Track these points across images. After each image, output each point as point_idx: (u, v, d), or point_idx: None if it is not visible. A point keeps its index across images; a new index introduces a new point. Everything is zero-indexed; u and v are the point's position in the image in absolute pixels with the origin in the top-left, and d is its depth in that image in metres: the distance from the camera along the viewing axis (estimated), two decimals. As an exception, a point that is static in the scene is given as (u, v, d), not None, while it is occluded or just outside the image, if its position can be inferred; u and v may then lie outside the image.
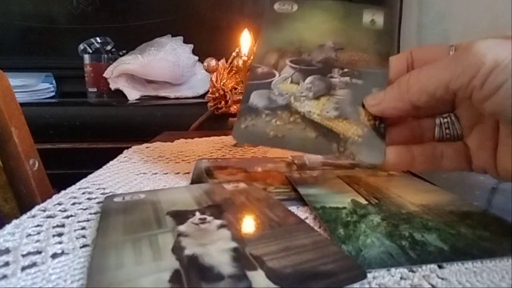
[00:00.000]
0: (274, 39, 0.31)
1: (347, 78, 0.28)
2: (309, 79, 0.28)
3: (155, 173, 0.37)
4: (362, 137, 0.25)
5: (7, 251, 0.20)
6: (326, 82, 0.28)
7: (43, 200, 0.27)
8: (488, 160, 0.25)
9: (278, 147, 0.26)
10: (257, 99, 0.28)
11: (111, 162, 0.41)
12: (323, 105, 0.27)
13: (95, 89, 1.13)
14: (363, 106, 0.27)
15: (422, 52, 0.28)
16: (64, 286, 0.17)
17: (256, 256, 0.18)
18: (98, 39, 1.18)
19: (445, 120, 0.27)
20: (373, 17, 0.32)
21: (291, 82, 0.29)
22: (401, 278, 0.17)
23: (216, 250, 0.19)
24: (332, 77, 0.29)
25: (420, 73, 0.24)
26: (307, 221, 0.24)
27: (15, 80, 0.97)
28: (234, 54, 0.74)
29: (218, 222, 0.22)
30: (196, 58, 1.13)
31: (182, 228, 0.21)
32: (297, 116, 0.27)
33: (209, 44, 1.16)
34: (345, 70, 0.29)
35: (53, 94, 1.16)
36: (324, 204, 0.26)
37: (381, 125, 0.26)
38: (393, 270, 0.18)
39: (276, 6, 0.33)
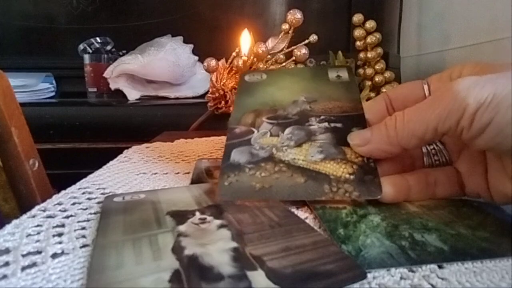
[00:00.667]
0: (248, 103, 0.32)
1: (325, 124, 0.29)
2: (288, 130, 0.29)
3: (155, 173, 0.37)
4: (353, 175, 0.25)
5: (7, 251, 0.20)
6: (305, 130, 0.29)
7: (43, 200, 0.27)
8: (480, 184, 0.25)
9: (266, 198, 0.25)
10: (238, 156, 0.28)
11: (111, 162, 0.41)
12: (307, 151, 0.27)
13: (95, 89, 1.13)
14: (348, 146, 0.27)
15: (397, 91, 0.29)
16: (64, 286, 0.17)
17: (256, 256, 0.18)
18: (98, 39, 1.18)
19: (431, 147, 0.28)
20: (338, 73, 0.34)
21: (271, 135, 0.29)
22: (401, 278, 0.17)
23: (216, 250, 0.19)
24: (310, 125, 0.29)
25: (406, 117, 0.24)
26: (307, 221, 0.24)
27: (15, 80, 0.97)
28: (234, 54, 0.74)
29: (218, 222, 0.22)
30: (196, 58, 1.13)
31: (182, 228, 0.21)
32: (282, 165, 0.26)
33: (209, 44, 1.16)
34: (322, 117, 0.29)
35: (53, 94, 1.16)
36: (324, 204, 0.26)
37: (370, 160, 0.26)
38: (393, 270, 0.18)
39: (247, 77, 0.35)
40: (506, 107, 0.20)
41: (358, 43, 0.88)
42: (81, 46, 1.16)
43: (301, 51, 0.69)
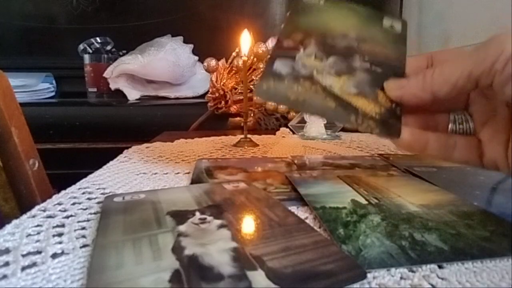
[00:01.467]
0: (301, 22, 0.32)
1: (367, 64, 0.29)
2: (331, 58, 0.29)
3: (155, 173, 0.37)
4: (379, 115, 0.26)
5: (7, 251, 0.20)
6: (347, 64, 0.29)
7: (43, 200, 0.27)
8: (499, 153, 0.25)
9: (297, 109, 0.27)
10: (280, 66, 0.28)
11: (111, 162, 0.41)
12: (344, 82, 0.28)
13: (95, 89, 1.13)
14: (382, 90, 0.28)
15: (442, 54, 0.29)
16: (64, 286, 0.17)
17: (256, 256, 0.18)
18: (98, 39, 1.18)
19: (459, 116, 0.28)
20: (392, 23, 0.34)
21: (315, 58, 0.29)
22: (401, 278, 0.17)
23: (216, 250, 0.19)
24: (353, 61, 0.30)
25: (444, 65, 0.25)
26: (307, 221, 0.24)
27: (15, 80, 0.97)
28: (234, 54, 0.74)
29: (218, 222, 0.22)
30: (196, 58, 1.13)
31: (182, 228, 0.21)
32: (319, 87, 0.27)
33: (209, 44, 1.16)
34: (366, 58, 0.30)
35: (53, 94, 1.16)
36: (324, 204, 0.26)
37: (398, 108, 0.27)
38: (393, 270, 0.18)
39: None
40: None
41: (358, 43, 0.88)
42: (81, 46, 1.16)
43: None
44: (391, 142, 0.27)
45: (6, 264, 0.18)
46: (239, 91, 0.75)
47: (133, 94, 1.08)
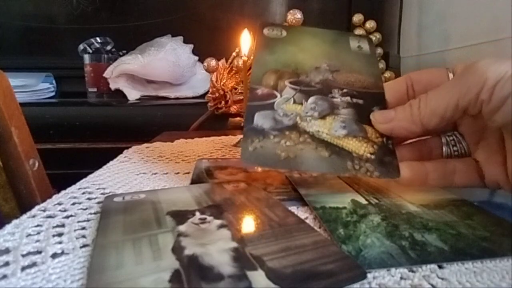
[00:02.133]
0: (269, 61, 0.31)
1: (347, 98, 0.29)
2: (311, 99, 0.28)
3: (155, 173, 0.37)
4: (374, 154, 0.26)
5: (7, 251, 0.20)
6: (328, 102, 0.28)
7: (43, 200, 0.27)
8: (499, 173, 0.25)
9: (291, 169, 0.26)
10: (261, 120, 0.27)
11: (111, 162, 0.41)
12: (330, 124, 0.27)
13: (95, 89, 1.13)
14: (369, 124, 0.27)
15: (421, 75, 0.29)
16: (64, 286, 0.17)
17: (256, 256, 0.18)
18: (98, 39, 1.18)
19: (451, 138, 0.28)
20: (359, 43, 0.33)
21: (294, 102, 0.28)
22: (401, 278, 0.17)
23: (216, 250, 0.19)
24: (333, 97, 0.29)
25: (429, 96, 0.25)
26: (307, 221, 0.24)
27: (15, 80, 0.97)
28: (234, 54, 0.74)
29: (218, 222, 0.22)
30: (196, 58, 1.13)
31: (182, 228, 0.21)
32: (307, 136, 0.26)
33: (209, 44, 1.16)
34: (344, 90, 0.29)
35: (53, 94, 1.16)
36: (324, 204, 0.26)
37: (389, 142, 0.27)
38: (393, 270, 0.18)
39: (266, 31, 0.33)
40: None
41: (358, 43, 0.88)
42: (81, 46, 1.16)
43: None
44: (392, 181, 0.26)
45: (6, 264, 0.18)
46: (239, 91, 0.75)
47: (133, 94, 1.08)
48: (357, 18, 0.86)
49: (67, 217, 0.24)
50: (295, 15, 0.67)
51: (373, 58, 0.33)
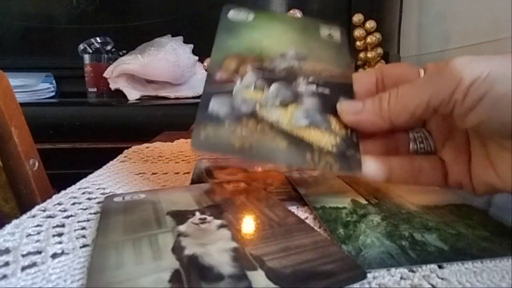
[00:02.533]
0: (231, 45, 0.29)
1: (313, 87, 0.27)
2: (274, 86, 0.27)
3: (155, 173, 0.37)
4: (336, 147, 0.24)
5: (7, 251, 0.20)
6: (292, 90, 0.27)
7: (43, 200, 0.27)
8: (463, 173, 0.25)
9: (245, 158, 0.23)
10: (217, 106, 0.25)
11: (111, 162, 0.41)
12: (292, 114, 0.25)
13: (95, 89, 1.13)
14: (334, 115, 0.26)
15: (392, 69, 0.28)
16: (64, 286, 0.17)
17: (256, 256, 0.18)
18: (98, 39, 1.18)
19: (418, 134, 0.27)
20: (330, 32, 0.32)
21: (255, 89, 0.26)
22: (401, 278, 0.17)
23: (216, 250, 0.19)
24: (297, 85, 0.27)
25: (400, 92, 0.24)
26: (307, 221, 0.24)
27: (15, 80, 0.97)
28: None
29: (218, 222, 0.22)
30: (196, 58, 1.13)
31: (182, 228, 0.21)
32: (265, 125, 0.24)
33: (209, 44, 1.15)
34: (310, 79, 0.28)
35: (53, 94, 1.16)
36: (324, 204, 0.26)
37: (353, 135, 0.25)
38: (393, 270, 0.18)
39: (231, 14, 0.31)
40: (501, 81, 0.20)
41: (358, 43, 0.88)
42: (81, 46, 1.16)
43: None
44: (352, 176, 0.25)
45: (6, 264, 0.18)
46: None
47: (133, 94, 1.08)
48: (357, 18, 0.86)
49: (67, 217, 0.24)
50: (295, 15, 0.67)
51: (344, 47, 0.31)
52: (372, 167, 0.25)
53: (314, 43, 0.31)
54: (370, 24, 0.86)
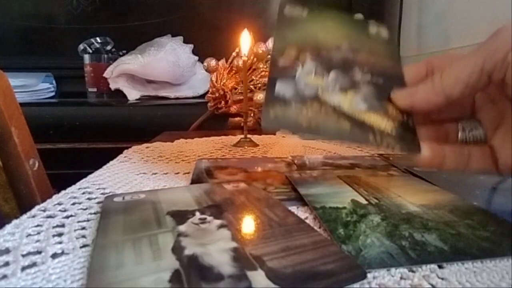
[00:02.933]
0: (290, 37, 0.31)
1: (368, 76, 0.29)
2: (333, 73, 0.28)
3: (155, 173, 0.37)
4: (395, 130, 0.26)
5: (7, 251, 0.20)
6: (349, 78, 0.28)
7: (43, 200, 0.27)
8: None
9: (313, 135, 0.25)
10: (283, 89, 0.27)
11: (111, 162, 0.41)
12: (351, 99, 0.27)
13: (95, 89, 1.13)
14: (389, 102, 0.27)
15: (441, 59, 0.28)
16: (64, 286, 0.17)
17: (256, 256, 0.18)
18: (98, 39, 1.18)
19: (468, 123, 0.28)
20: (378, 30, 0.33)
21: (315, 75, 0.28)
22: (401, 278, 0.17)
23: (216, 250, 0.19)
24: (354, 74, 0.29)
25: (452, 65, 0.24)
26: (307, 221, 0.24)
27: (15, 80, 0.97)
28: (234, 54, 0.74)
29: (218, 222, 0.22)
30: (196, 58, 1.13)
31: (182, 228, 0.21)
32: (328, 107, 0.26)
33: (209, 44, 1.16)
34: (365, 69, 0.29)
35: (53, 94, 1.16)
36: (324, 204, 0.26)
37: (410, 120, 0.27)
38: (393, 270, 0.18)
39: (287, 10, 0.33)
40: None
41: (358, 43, 0.88)
42: (81, 46, 1.16)
43: None
44: (412, 159, 0.26)
45: (6, 264, 0.18)
46: (239, 91, 0.75)
47: (133, 94, 1.08)
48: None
49: (67, 217, 0.24)
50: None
51: (392, 44, 0.33)
52: (428, 151, 0.25)
53: (365, 39, 0.32)
54: (370, 24, 0.86)
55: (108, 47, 1.18)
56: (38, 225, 0.23)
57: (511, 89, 0.23)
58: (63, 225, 0.23)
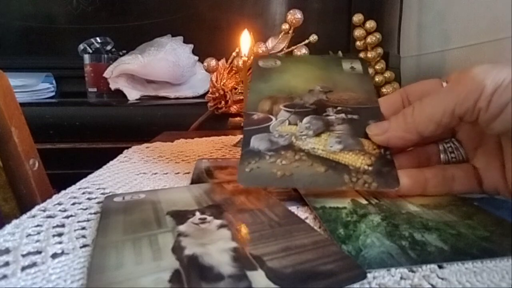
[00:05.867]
0: (264, 89, 0.32)
1: (342, 115, 0.29)
2: (306, 119, 0.29)
3: (155, 173, 0.37)
4: (372, 166, 0.26)
5: (7, 251, 0.20)
6: (323, 120, 0.29)
7: (43, 200, 0.27)
8: (497, 179, 0.25)
9: (288, 186, 0.26)
10: (257, 142, 0.28)
11: (111, 162, 0.41)
12: (325, 141, 0.27)
13: (95, 89, 1.13)
14: (365, 138, 0.27)
15: (415, 87, 0.29)
16: (64, 286, 0.17)
17: (256, 256, 0.18)
18: (98, 39, 1.18)
19: (448, 145, 0.28)
20: (352, 64, 0.34)
21: (289, 124, 0.29)
22: (401, 278, 0.17)
23: (216, 250, 0.19)
24: (327, 115, 0.29)
25: (423, 103, 0.24)
26: (307, 221, 0.24)
27: (15, 80, 0.97)
28: (234, 54, 0.74)
29: (218, 222, 0.22)
30: (196, 58, 1.13)
31: (182, 228, 0.21)
32: (302, 154, 0.27)
33: (209, 44, 1.16)
34: (338, 108, 0.30)
35: (53, 94, 1.16)
36: (324, 204, 0.26)
37: (387, 153, 0.27)
38: (393, 270, 0.18)
39: (261, 63, 0.35)
40: None
41: (358, 43, 0.88)
42: (81, 46, 1.16)
43: (301, 51, 0.69)
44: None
45: (6, 264, 0.18)
46: (239, 91, 0.75)
47: (133, 94, 1.08)
48: (357, 18, 0.86)
49: (67, 217, 0.24)
50: (295, 15, 0.67)
51: (366, 76, 0.33)
52: (407, 180, 0.25)
53: (338, 76, 0.33)
54: (370, 24, 0.86)
55: (108, 47, 1.19)
56: (38, 225, 0.23)
57: (486, 131, 0.23)
58: (63, 225, 0.23)
